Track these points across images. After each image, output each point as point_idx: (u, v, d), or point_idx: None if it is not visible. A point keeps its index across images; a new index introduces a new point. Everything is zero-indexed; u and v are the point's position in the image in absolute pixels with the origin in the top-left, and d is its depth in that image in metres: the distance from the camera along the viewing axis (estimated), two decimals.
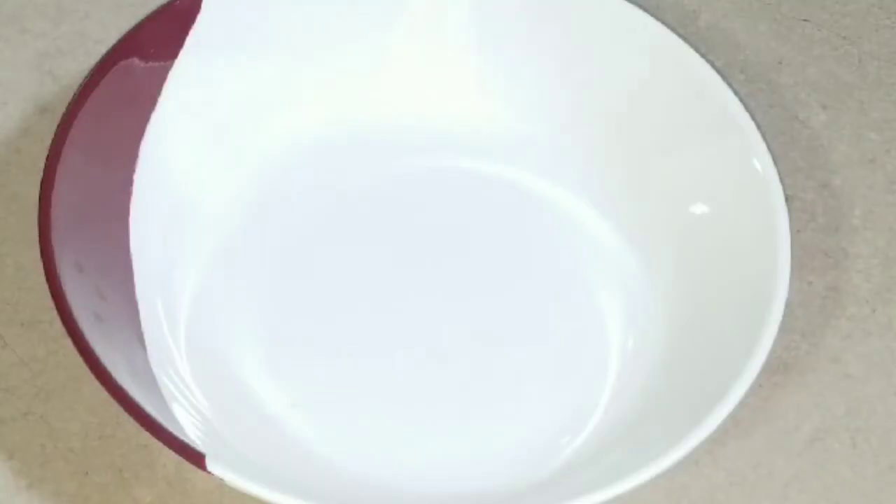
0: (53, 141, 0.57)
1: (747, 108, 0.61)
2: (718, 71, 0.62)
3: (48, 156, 0.57)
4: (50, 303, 0.53)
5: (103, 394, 0.52)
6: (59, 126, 0.58)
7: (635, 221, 0.63)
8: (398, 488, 0.57)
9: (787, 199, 0.59)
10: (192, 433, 0.53)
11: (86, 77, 0.59)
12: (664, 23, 0.63)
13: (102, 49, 0.61)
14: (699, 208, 0.62)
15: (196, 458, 0.51)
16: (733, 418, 0.54)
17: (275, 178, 0.63)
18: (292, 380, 0.60)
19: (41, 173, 0.56)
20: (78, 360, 0.52)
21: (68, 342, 0.53)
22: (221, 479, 0.51)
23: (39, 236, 0.55)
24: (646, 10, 0.64)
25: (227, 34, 0.63)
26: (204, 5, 0.62)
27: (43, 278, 0.54)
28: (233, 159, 0.64)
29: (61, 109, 0.58)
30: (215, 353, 0.60)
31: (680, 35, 0.63)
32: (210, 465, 0.50)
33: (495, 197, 0.65)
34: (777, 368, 0.61)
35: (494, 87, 0.66)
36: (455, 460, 0.58)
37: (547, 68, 0.65)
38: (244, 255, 0.63)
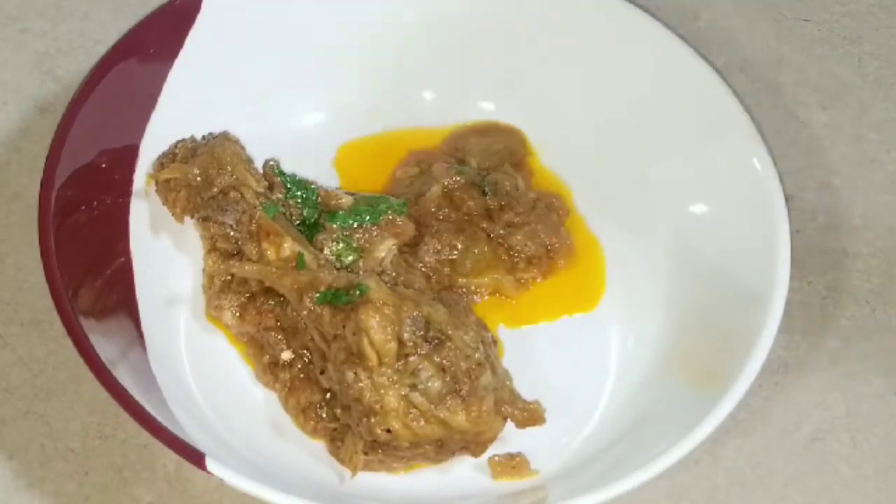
0: (53, 141, 0.57)
1: (747, 109, 0.61)
2: (718, 71, 0.62)
3: (48, 156, 0.57)
4: (50, 303, 0.53)
5: (103, 394, 0.52)
6: (59, 126, 0.58)
7: (635, 221, 0.63)
8: (397, 488, 0.57)
9: (787, 199, 0.59)
10: (192, 433, 0.53)
11: (86, 77, 0.59)
12: (664, 23, 0.63)
13: (102, 49, 0.61)
14: (699, 208, 0.62)
15: (196, 458, 0.51)
16: (733, 418, 0.54)
17: None
18: None
19: (41, 173, 0.56)
20: (78, 360, 0.52)
21: (68, 342, 0.53)
22: (221, 479, 0.51)
23: (39, 236, 0.55)
24: (646, 9, 0.64)
25: (227, 34, 0.63)
26: (204, 5, 0.62)
27: (43, 278, 0.54)
28: None
29: (61, 109, 0.58)
30: (215, 354, 0.60)
31: (680, 35, 0.63)
32: (210, 465, 0.50)
33: None
34: (777, 368, 0.61)
35: (495, 87, 0.66)
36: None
37: (548, 69, 0.65)
38: None
